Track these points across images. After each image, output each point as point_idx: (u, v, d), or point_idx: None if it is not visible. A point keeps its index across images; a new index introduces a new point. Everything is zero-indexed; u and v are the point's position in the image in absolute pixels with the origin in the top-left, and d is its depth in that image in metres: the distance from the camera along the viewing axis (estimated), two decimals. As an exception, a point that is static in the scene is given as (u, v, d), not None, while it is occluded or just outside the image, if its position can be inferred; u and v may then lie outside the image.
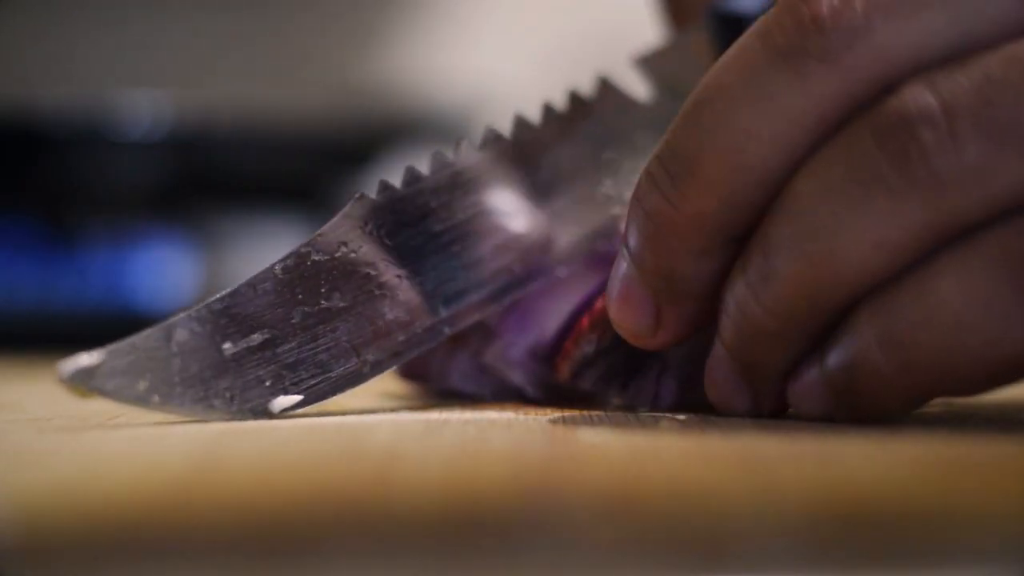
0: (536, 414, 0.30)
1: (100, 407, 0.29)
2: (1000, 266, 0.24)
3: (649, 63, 0.35)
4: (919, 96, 0.25)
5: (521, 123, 0.33)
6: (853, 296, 0.26)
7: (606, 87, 0.35)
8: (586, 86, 0.35)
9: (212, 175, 0.93)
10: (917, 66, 0.26)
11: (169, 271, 0.90)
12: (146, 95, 0.89)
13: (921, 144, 0.25)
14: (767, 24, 0.27)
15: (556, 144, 0.34)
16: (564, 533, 0.18)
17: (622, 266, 0.29)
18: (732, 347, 0.27)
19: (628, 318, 0.29)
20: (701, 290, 0.28)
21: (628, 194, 0.29)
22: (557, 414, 0.30)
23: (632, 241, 0.28)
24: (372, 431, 0.28)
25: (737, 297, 0.27)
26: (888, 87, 0.25)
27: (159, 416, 0.30)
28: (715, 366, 0.28)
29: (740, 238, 0.27)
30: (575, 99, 0.34)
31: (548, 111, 0.34)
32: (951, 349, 0.25)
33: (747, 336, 0.27)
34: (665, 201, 0.27)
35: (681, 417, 0.30)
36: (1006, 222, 0.25)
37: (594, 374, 0.32)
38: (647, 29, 0.52)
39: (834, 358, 0.26)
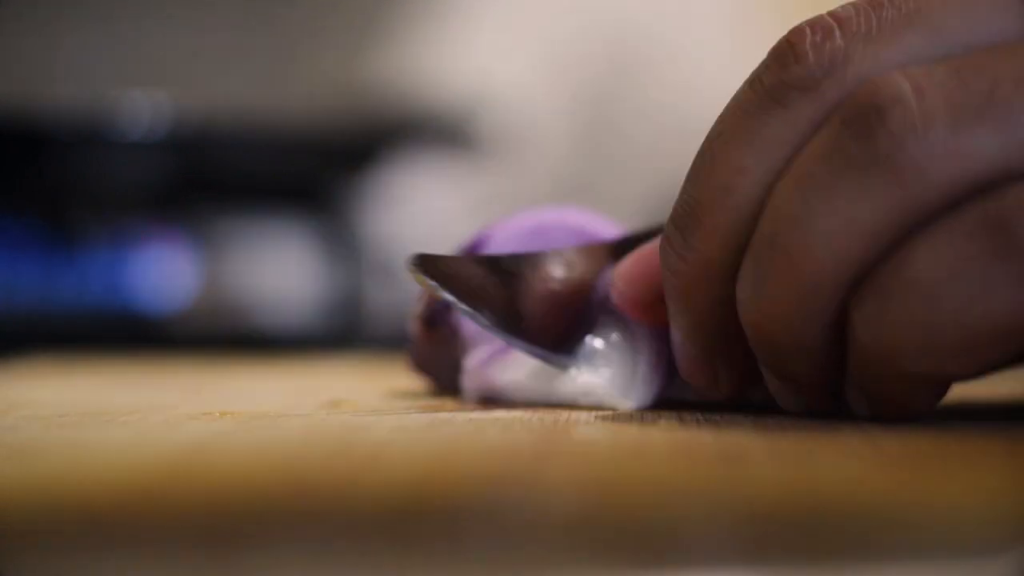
0: (544, 413, 0.31)
1: (111, 404, 0.29)
2: (976, 235, 0.24)
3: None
4: (890, 80, 0.25)
5: None
6: (842, 288, 0.26)
7: None
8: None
9: (212, 176, 0.94)
10: None
11: (169, 271, 0.90)
12: (146, 95, 0.89)
13: (890, 124, 0.24)
14: (757, 71, 0.27)
15: None
16: (539, 527, 0.18)
17: (673, 328, 0.30)
18: (755, 350, 0.28)
19: (694, 380, 0.30)
20: (741, 338, 0.28)
21: None
22: (566, 412, 0.30)
23: (669, 305, 0.29)
24: (370, 428, 0.28)
25: (744, 310, 0.27)
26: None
27: (166, 413, 0.31)
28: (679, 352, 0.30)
29: None
30: None
31: None
32: (929, 322, 0.25)
33: (754, 342, 0.27)
34: (678, 258, 0.28)
35: (685, 416, 0.30)
36: (979, 197, 0.24)
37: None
38: (647, 29, 0.52)
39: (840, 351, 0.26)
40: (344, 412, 0.32)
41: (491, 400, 0.34)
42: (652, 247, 0.31)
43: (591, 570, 0.17)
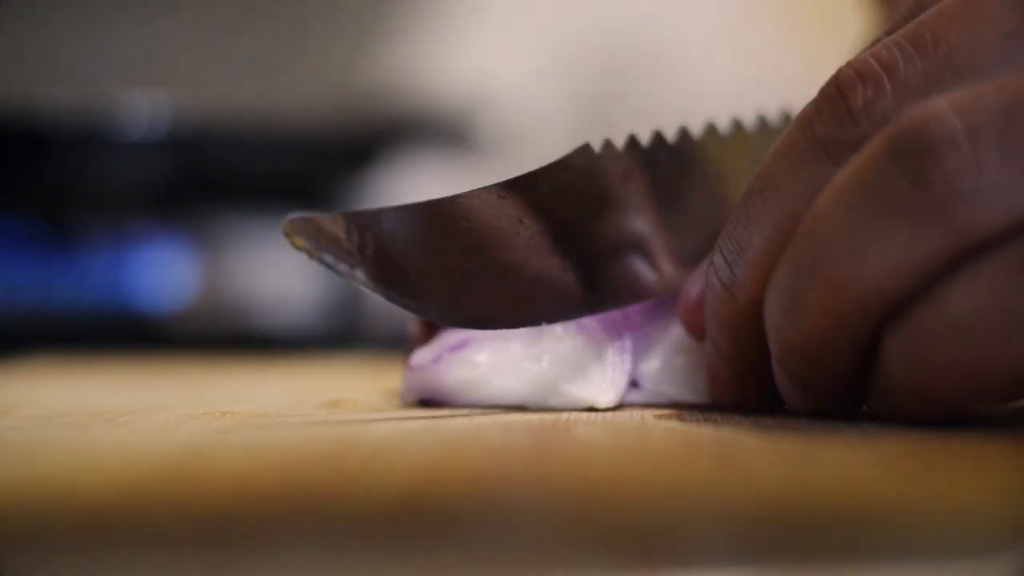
0: (545, 414, 0.31)
1: (111, 404, 0.29)
2: (1016, 274, 0.24)
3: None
4: (941, 117, 0.25)
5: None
6: (879, 316, 0.26)
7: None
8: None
9: (212, 175, 0.94)
10: None
11: (169, 271, 0.90)
12: (146, 95, 0.89)
13: (943, 168, 0.24)
14: (808, 116, 0.27)
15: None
16: (530, 527, 0.18)
17: (708, 348, 0.30)
18: (779, 361, 0.28)
19: (723, 399, 0.30)
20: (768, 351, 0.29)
21: None
22: (567, 414, 0.30)
23: (710, 328, 0.30)
24: (370, 428, 0.28)
25: (773, 319, 0.27)
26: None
27: (166, 413, 0.30)
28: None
29: None
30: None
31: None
32: (967, 358, 0.25)
33: (782, 353, 0.28)
34: (725, 292, 0.29)
35: (687, 417, 0.30)
36: (1020, 234, 0.24)
37: None
38: (647, 30, 0.52)
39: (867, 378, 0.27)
40: (344, 412, 0.32)
41: (432, 401, 0.33)
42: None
43: (591, 570, 0.17)
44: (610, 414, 0.31)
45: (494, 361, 0.32)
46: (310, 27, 1.11)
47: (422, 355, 0.33)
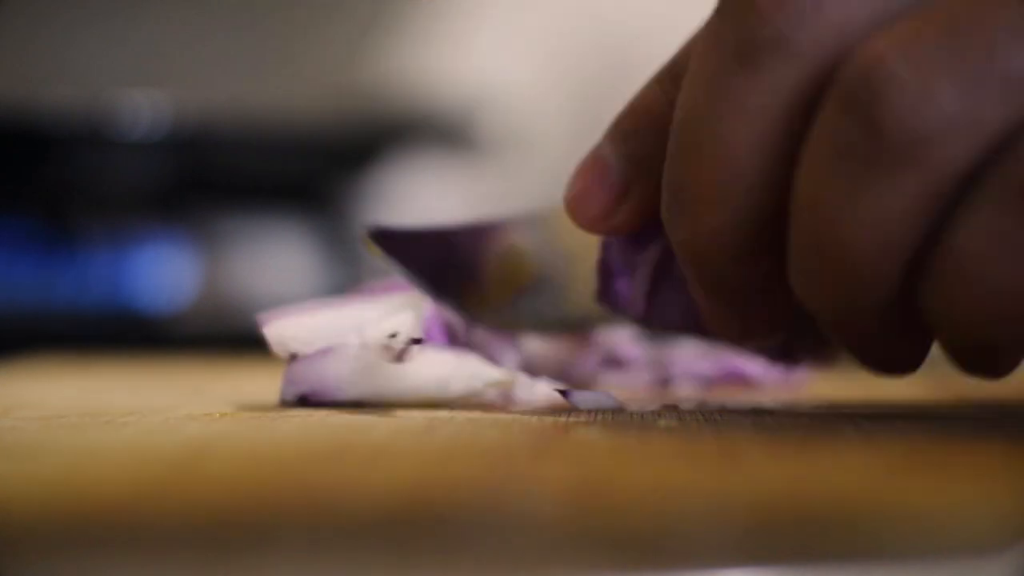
0: (544, 415, 0.31)
1: (111, 404, 0.29)
2: (1007, 206, 0.23)
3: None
4: (880, 56, 0.24)
5: None
6: (899, 271, 0.25)
7: None
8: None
9: (212, 175, 0.94)
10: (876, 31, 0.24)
11: (169, 271, 0.90)
12: (146, 95, 0.89)
13: (891, 108, 0.23)
14: (714, 25, 0.26)
15: None
16: (530, 527, 0.18)
17: (695, 293, 0.29)
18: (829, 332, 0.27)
19: (724, 333, 0.29)
20: (753, 287, 0.28)
21: None
22: (565, 415, 0.30)
23: (687, 271, 0.28)
24: (370, 429, 0.28)
25: (804, 299, 0.26)
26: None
27: (167, 413, 0.30)
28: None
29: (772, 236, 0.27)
30: None
31: None
32: (991, 299, 0.24)
33: (821, 324, 0.27)
34: (688, 231, 0.27)
35: (687, 417, 0.30)
36: (1001, 160, 0.23)
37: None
38: (646, 30, 0.52)
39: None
40: (344, 412, 0.32)
41: (311, 400, 0.33)
42: (588, 161, 0.30)
43: (591, 570, 0.17)
44: (610, 414, 0.31)
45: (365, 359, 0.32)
46: (310, 27, 1.11)
47: (300, 357, 0.33)
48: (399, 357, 0.29)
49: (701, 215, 0.27)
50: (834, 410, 0.32)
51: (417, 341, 0.29)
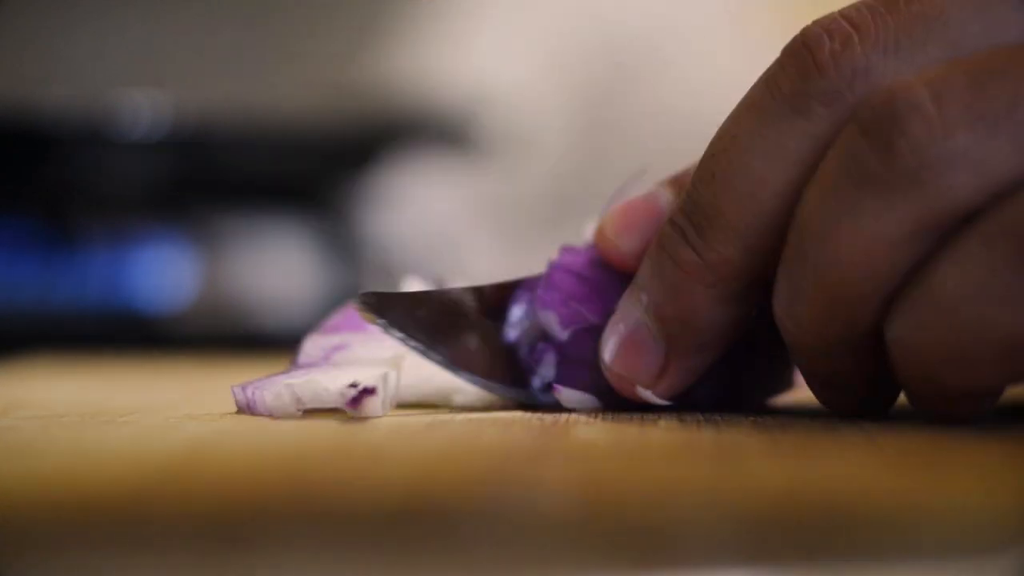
0: (543, 414, 0.31)
1: (111, 404, 0.29)
2: (995, 248, 0.24)
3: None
4: (907, 86, 0.25)
5: None
6: (877, 305, 0.25)
7: None
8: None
9: (212, 175, 0.94)
10: None
11: (169, 271, 0.90)
12: (146, 95, 0.89)
13: (909, 133, 0.24)
14: (773, 73, 0.27)
15: None
16: (530, 527, 0.18)
17: (633, 314, 0.29)
18: (796, 361, 0.28)
19: (634, 366, 0.29)
20: (714, 341, 0.29)
21: None
22: (563, 415, 0.30)
23: (654, 288, 0.29)
24: (370, 428, 0.28)
25: (779, 317, 0.27)
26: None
27: (166, 413, 0.31)
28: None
29: (757, 284, 0.28)
30: None
31: None
32: (958, 339, 0.24)
33: (792, 349, 0.27)
34: (691, 250, 0.28)
35: (687, 417, 0.30)
36: (1000, 205, 0.24)
37: None
38: (648, 30, 0.52)
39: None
40: (344, 412, 0.32)
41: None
42: (640, 200, 0.31)
43: (591, 570, 0.17)
44: (610, 414, 0.31)
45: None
46: (310, 27, 1.11)
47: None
48: (354, 406, 0.29)
49: (716, 240, 0.28)
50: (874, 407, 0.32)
51: (370, 391, 0.29)
